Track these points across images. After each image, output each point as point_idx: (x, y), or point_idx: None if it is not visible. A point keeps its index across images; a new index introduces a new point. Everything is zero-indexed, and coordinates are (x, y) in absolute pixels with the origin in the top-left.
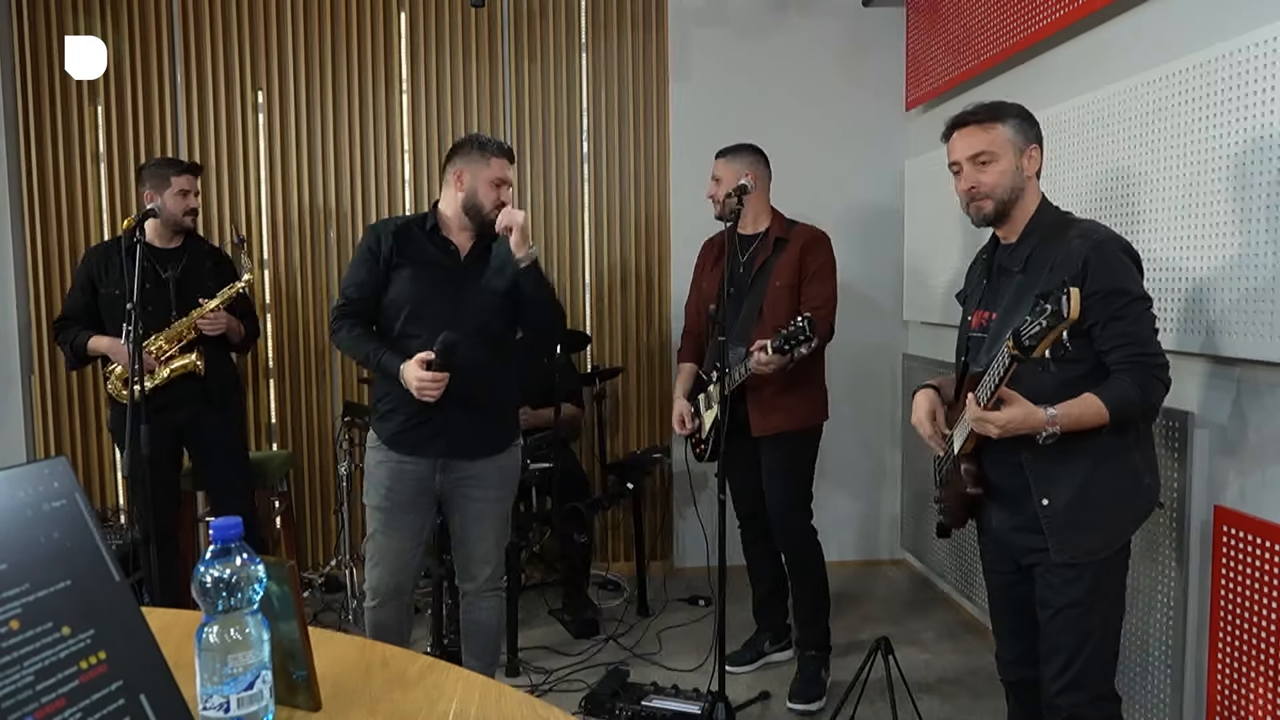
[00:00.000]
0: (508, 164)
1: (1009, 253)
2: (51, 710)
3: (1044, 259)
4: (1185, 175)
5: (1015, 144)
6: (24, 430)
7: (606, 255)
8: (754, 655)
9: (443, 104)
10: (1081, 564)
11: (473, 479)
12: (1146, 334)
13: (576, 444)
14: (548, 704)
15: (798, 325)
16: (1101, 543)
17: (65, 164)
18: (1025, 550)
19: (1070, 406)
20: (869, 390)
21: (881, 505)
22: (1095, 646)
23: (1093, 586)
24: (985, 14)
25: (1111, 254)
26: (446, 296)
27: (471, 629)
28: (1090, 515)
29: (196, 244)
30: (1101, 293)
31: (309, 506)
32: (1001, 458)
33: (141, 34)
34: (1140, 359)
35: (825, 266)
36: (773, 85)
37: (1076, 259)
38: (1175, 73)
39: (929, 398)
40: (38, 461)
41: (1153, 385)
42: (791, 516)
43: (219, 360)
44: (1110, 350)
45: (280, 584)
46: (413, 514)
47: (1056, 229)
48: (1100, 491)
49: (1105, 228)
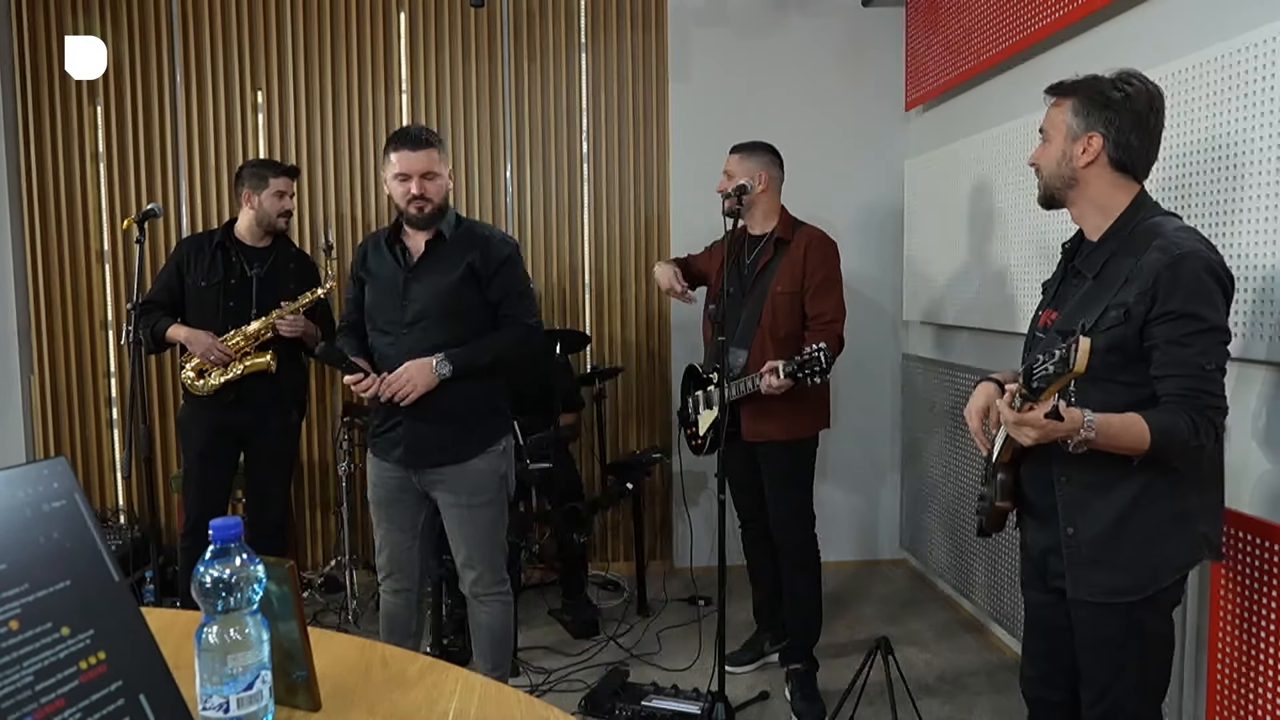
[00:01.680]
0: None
1: (1087, 254)
2: (51, 710)
3: (1119, 269)
4: (1185, 175)
5: (1070, 128)
6: (24, 430)
7: (606, 255)
8: (754, 655)
9: (442, 104)
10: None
11: (442, 484)
12: (1212, 370)
13: (575, 444)
14: (547, 704)
15: (813, 355)
16: (1130, 585)
17: (65, 164)
18: (1056, 574)
19: (1111, 418)
20: (869, 390)
21: (881, 505)
22: (1133, 685)
23: (1128, 627)
24: (985, 14)
25: (1190, 273)
26: (394, 304)
27: (475, 630)
28: (1120, 555)
29: (285, 246)
30: (1172, 315)
31: (309, 506)
32: (1039, 473)
33: (141, 34)
34: (1198, 394)
35: (831, 275)
36: (772, 85)
37: (1149, 274)
38: (1175, 73)
39: (988, 393)
40: (37, 461)
41: (1206, 427)
42: (793, 526)
43: (291, 363)
44: (1166, 378)
45: (280, 584)
46: (399, 508)
47: (1142, 236)
48: (1137, 532)
49: (1195, 239)
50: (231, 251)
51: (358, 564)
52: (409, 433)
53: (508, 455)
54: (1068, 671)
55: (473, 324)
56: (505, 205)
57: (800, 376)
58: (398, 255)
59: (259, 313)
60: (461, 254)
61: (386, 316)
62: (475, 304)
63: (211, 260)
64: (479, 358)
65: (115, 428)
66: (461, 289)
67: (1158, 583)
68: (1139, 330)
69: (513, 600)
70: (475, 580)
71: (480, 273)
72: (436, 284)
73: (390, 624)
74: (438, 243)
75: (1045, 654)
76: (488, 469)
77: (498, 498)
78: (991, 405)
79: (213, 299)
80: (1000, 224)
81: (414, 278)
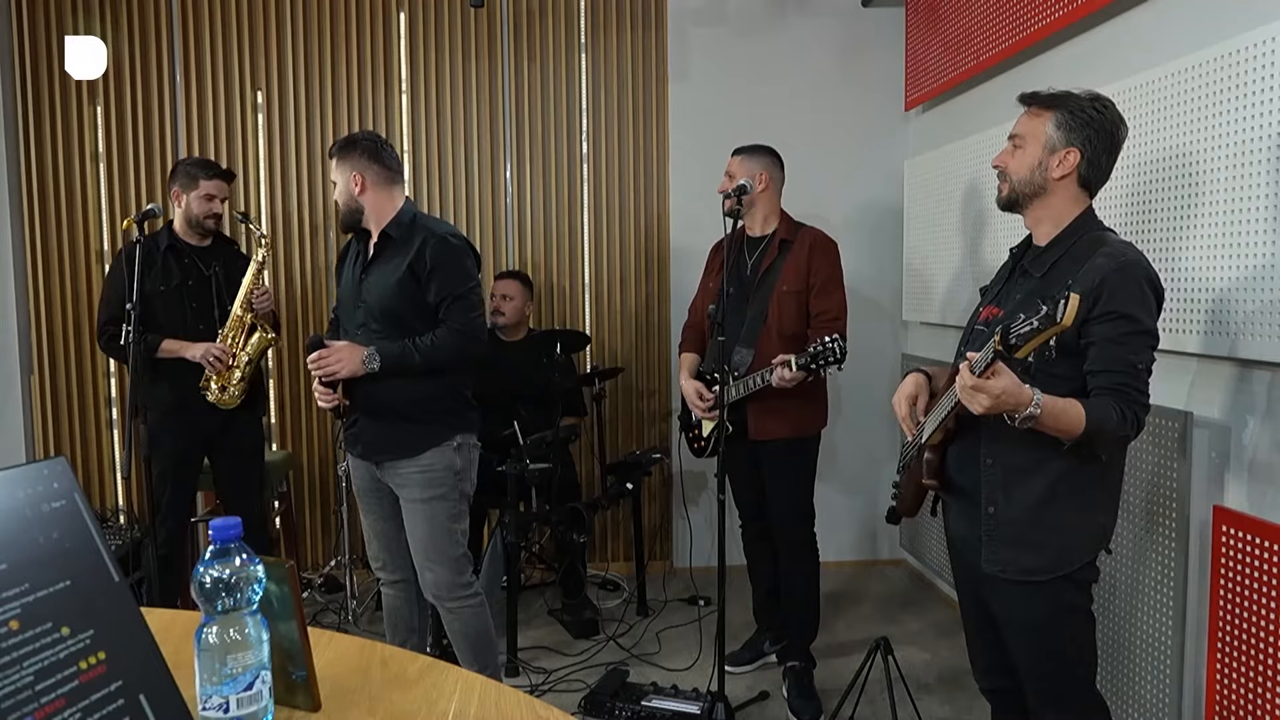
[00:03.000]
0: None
1: (1035, 256)
2: (51, 710)
3: (1065, 270)
4: (1185, 175)
5: (1050, 140)
6: (24, 430)
7: (606, 255)
8: (753, 655)
9: (442, 104)
10: (1032, 582)
11: (399, 478)
12: (1142, 370)
13: (575, 444)
14: (547, 704)
15: (827, 346)
16: (1044, 565)
17: (65, 164)
18: (972, 552)
19: (1055, 400)
20: (868, 390)
21: (880, 505)
22: (1070, 665)
23: (1054, 604)
24: (984, 14)
25: (1133, 279)
26: (351, 303)
27: (452, 638)
28: (1036, 535)
29: (226, 243)
30: (1112, 315)
31: (309, 506)
32: (966, 455)
33: (141, 34)
34: (1128, 389)
35: (834, 275)
36: (772, 85)
37: (1095, 276)
38: (1174, 73)
39: (917, 382)
40: (37, 462)
41: (1133, 419)
42: (794, 524)
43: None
44: (1099, 372)
45: (279, 584)
46: (375, 498)
47: (1089, 244)
48: (1053, 516)
49: (1137, 252)
50: (184, 254)
51: (357, 564)
52: (365, 427)
53: (464, 452)
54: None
55: (410, 326)
56: (505, 205)
57: (814, 368)
58: (354, 256)
59: (223, 311)
60: (404, 254)
61: (346, 317)
62: (415, 305)
63: (164, 264)
64: (409, 359)
65: (115, 428)
66: (400, 290)
67: (1066, 565)
68: (1078, 327)
69: (484, 601)
70: (436, 583)
71: (419, 273)
72: (382, 284)
73: (393, 619)
74: (384, 242)
75: (988, 644)
76: (440, 463)
77: (451, 494)
78: (920, 393)
79: (176, 302)
80: (1000, 224)
81: (366, 277)
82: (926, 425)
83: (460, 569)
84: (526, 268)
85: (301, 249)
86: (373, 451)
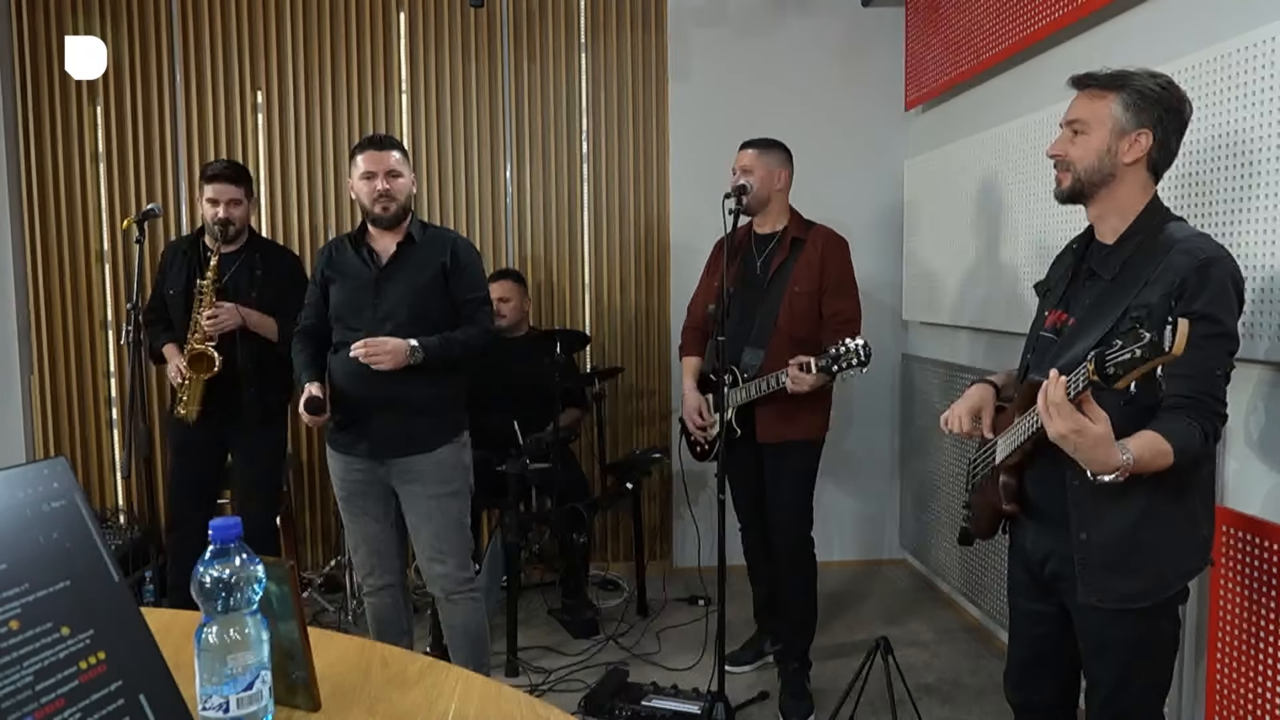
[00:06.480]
0: (374, 152)
1: (1103, 256)
2: (51, 710)
3: (1139, 271)
4: (1185, 176)
5: (1118, 122)
6: (24, 430)
7: (606, 255)
8: (753, 655)
9: (442, 104)
10: (1130, 610)
11: (411, 474)
12: (1220, 377)
13: (576, 444)
14: (547, 704)
15: (850, 349)
16: (1142, 590)
17: (65, 164)
18: (1057, 579)
19: (1142, 450)
20: (869, 390)
21: (881, 505)
22: (1143, 685)
23: (1142, 631)
24: (985, 14)
25: (1217, 278)
26: (365, 303)
27: (448, 632)
28: (1135, 560)
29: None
30: (1194, 315)
31: (308, 506)
32: (1048, 475)
33: (141, 34)
34: (1206, 399)
35: (849, 275)
36: (772, 85)
37: (1174, 276)
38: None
39: (983, 394)
40: (37, 461)
41: (1213, 433)
42: (792, 526)
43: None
44: (1176, 378)
45: (279, 584)
46: (369, 499)
47: (1161, 240)
48: (1151, 536)
49: (1216, 246)
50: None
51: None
52: (378, 424)
53: (469, 449)
54: (1055, 674)
55: (436, 324)
56: (505, 205)
57: (835, 371)
58: (365, 257)
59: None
60: (435, 255)
61: (357, 315)
62: (442, 305)
63: (180, 268)
64: (449, 352)
65: (115, 428)
66: (432, 289)
67: (1165, 590)
68: None
69: (481, 596)
70: (445, 576)
71: (451, 274)
72: (410, 284)
73: (380, 626)
74: (408, 244)
75: (1033, 660)
76: (454, 459)
77: (463, 489)
78: (986, 408)
79: (181, 308)
80: (1000, 224)
81: (386, 277)
82: (1000, 447)
83: (468, 562)
84: (526, 267)
85: (301, 249)
86: (383, 448)
